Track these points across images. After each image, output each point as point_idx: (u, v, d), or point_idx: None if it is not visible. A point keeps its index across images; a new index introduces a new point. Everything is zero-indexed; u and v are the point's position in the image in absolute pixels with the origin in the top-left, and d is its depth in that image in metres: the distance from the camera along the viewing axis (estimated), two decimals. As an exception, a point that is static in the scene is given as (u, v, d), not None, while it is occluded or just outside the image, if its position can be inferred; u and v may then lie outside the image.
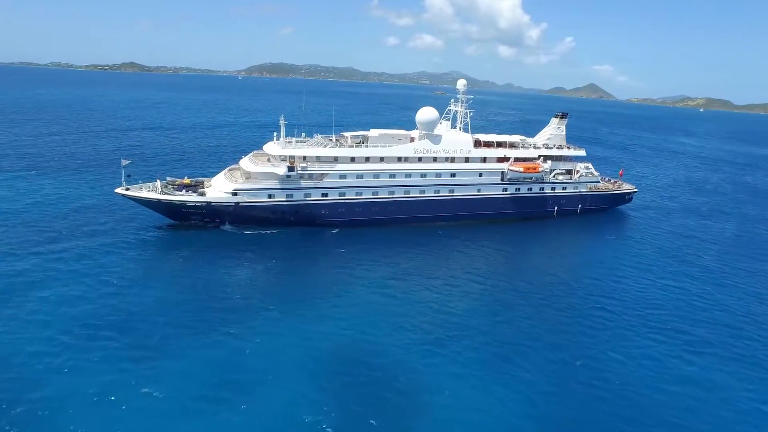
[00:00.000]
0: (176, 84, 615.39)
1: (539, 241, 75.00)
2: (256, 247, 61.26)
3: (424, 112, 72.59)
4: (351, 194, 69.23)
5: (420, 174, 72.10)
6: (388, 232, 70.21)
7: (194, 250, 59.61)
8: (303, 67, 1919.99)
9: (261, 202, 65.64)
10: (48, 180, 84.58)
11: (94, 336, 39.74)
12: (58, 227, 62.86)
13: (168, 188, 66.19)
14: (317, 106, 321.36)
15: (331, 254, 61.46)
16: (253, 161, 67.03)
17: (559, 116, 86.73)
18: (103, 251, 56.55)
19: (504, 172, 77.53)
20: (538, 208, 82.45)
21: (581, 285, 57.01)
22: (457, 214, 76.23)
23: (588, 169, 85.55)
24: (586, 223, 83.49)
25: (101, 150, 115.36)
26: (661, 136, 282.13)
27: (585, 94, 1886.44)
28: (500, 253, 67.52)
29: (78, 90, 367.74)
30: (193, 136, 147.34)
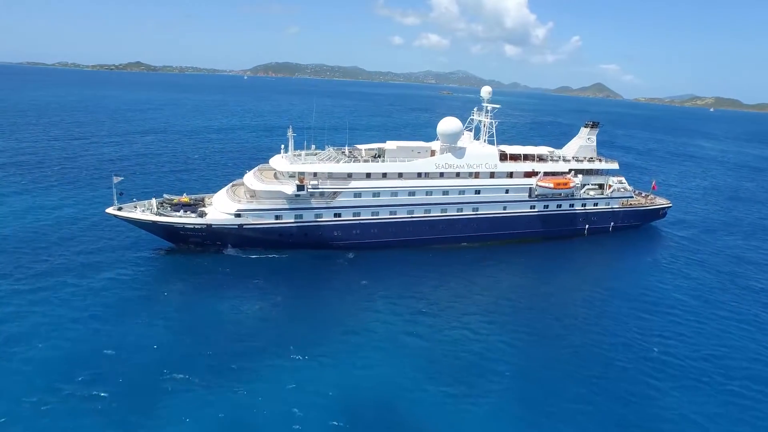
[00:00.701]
0: (182, 84, 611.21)
1: (571, 264, 68.27)
2: (264, 276, 55.01)
3: (446, 123, 66.02)
4: (366, 214, 62.85)
5: (442, 191, 65.60)
6: (407, 256, 63.81)
7: (195, 279, 53.53)
8: (309, 66, 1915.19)
9: (267, 224, 59.38)
10: (42, 194, 78.62)
11: (79, 394, 33.95)
12: (48, 252, 56.96)
13: (164, 207, 60.07)
14: (325, 108, 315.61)
15: (348, 284, 55.13)
16: (258, 178, 60.72)
17: (589, 126, 79.85)
18: (96, 282, 50.77)
19: (532, 188, 70.91)
20: (567, 226, 75.79)
21: (628, 320, 50.45)
22: (482, 234, 69.69)
23: (621, 183, 78.74)
24: (620, 243, 76.66)
25: (100, 158, 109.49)
26: (678, 139, 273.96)
27: (592, 94, 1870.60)
28: (530, 279, 61.32)
29: (83, 90, 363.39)
30: (196, 142, 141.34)
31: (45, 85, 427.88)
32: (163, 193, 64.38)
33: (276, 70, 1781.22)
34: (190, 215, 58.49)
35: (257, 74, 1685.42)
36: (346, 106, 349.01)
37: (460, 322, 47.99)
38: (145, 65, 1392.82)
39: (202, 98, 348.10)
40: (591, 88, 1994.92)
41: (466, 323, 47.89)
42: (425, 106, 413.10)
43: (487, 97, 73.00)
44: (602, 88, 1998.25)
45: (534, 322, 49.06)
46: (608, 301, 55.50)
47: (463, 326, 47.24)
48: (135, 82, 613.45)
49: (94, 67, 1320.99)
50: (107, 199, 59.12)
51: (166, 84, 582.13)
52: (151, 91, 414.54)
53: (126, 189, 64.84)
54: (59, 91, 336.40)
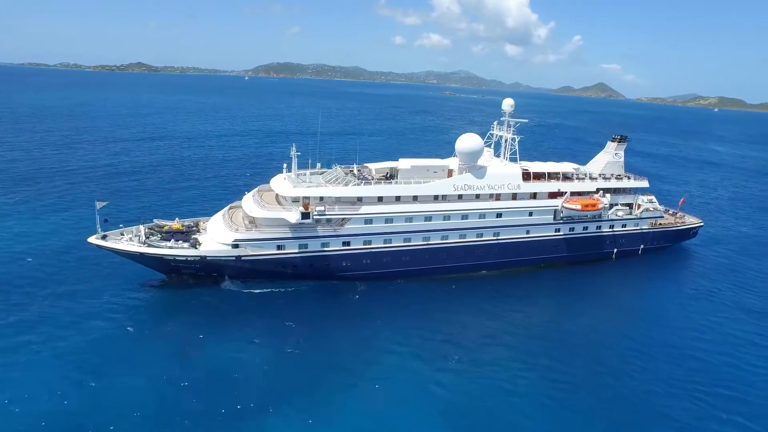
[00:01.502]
0: (182, 85, 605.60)
1: (602, 294, 62.24)
2: (265, 315, 49.07)
3: (466, 140, 59.96)
4: (378, 242, 56.88)
5: (461, 215, 59.57)
6: (424, 287, 57.87)
7: (189, 320, 47.58)
8: (310, 66, 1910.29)
9: (268, 255, 53.42)
10: (26, 215, 72.29)
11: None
12: (25, 289, 50.86)
13: (154, 236, 54.11)
14: (327, 110, 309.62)
15: (360, 323, 49.07)
16: (258, 203, 54.69)
17: (616, 140, 73.73)
18: (78, 325, 44.95)
19: (557, 210, 64.87)
20: (594, 249, 69.71)
21: (678, 363, 44.72)
22: (503, 260, 63.69)
23: (652, 203, 72.59)
24: (652, 268, 70.49)
25: (92, 172, 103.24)
26: (688, 142, 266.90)
27: (594, 93, 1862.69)
28: (560, 312, 55.70)
29: (82, 93, 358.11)
30: (193, 152, 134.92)
31: (45, 87, 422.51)
32: (153, 218, 58.40)
33: (277, 70, 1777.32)
34: (181, 245, 52.56)
35: (258, 74, 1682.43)
36: (350, 109, 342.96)
37: (490, 369, 42.54)
38: (146, 66, 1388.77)
39: (203, 101, 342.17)
40: (593, 87, 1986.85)
41: (498, 371, 42.45)
42: (429, 108, 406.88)
43: (509, 111, 66.86)
44: (604, 87, 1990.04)
45: (574, 367, 43.70)
46: (650, 338, 49.66)
47: (494, 374, 41.87)
48: (136, 83, 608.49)
49: (96, 68, 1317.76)
50: (93, 222, 53.35)
51: (167, 85, 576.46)
52: (151, 93, 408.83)
53: (112, 213, 59.00)
54: (59, 94, 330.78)
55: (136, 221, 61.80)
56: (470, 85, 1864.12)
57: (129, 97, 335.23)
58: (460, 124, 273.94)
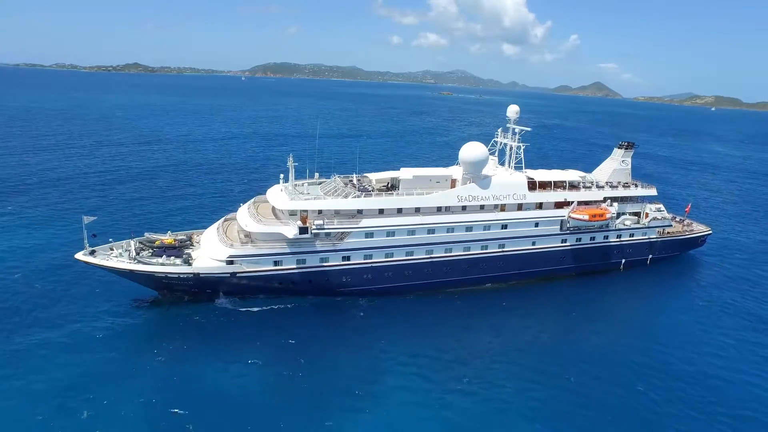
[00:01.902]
0: (179, 86, 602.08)
1: (612, 308, 60.19)
2: (264, 335, 46.77)
3: (470, 149, 57.65)
4: (379, 256, 54.61)
5: (465, 227, 57.34)
6: (427, 303, 55.80)
7: (183, 341, 45.28)
8: (307, 66, 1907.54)
9: (264, 271, 51.10)
10: (13, 228, 69.70)
11: None
12: (10, 307, 48.61)
13: (145, 251, 51.75)
14: (324, 111, 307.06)
15: (363, 343, 46.81)
16: (253, 216, 52.33)
17: (623, 147, 71.61)
18: (68, 348, 42.83)
19: (564, 220, 62.72)
20: (601, 260, 67.59)
21: (697, 388, 42.50)
22: (508, 273, 61.52)
23: (660, 211, 70.46)
24: (661, 279, 68.33)
25: (85, 177, 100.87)
26: (689, 143, 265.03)
27: (591, 93, 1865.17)
28: (570, 328, 53.45)
29: (77, 94, 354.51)
30: (188, 157, 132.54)
31: (41, 88, 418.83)
32: (145, 231, 55.99)
33: (274, 70, 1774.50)
34: (173, 261, 50.18)
35: (255, 74, 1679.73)
36: (348, 110, 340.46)
37: (502, 391, 40.90)
38: (143, 66, 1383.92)
39: (199, 102, 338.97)
40: (590, 87, 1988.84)
41: (510, 392, 40.80)
42: (427, 109, 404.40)
43: (513, 118, 64.62)
44: (601, 87, 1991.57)
45: (588, 387, 42.00)
46: (665, 354, 47.73)
47: (506, 396, 40.26)
48: (132, 84, 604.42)
49: (92, 69, 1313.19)
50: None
51: (164, 87, 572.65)
52: (147, 94, 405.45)
53: (103, 224, 56.43)
54: (54, 96, 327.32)
55: (127, 234, 59.49)
56: (467, 85, 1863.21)
57: (125, 99, 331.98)
58: (459, 126, 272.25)
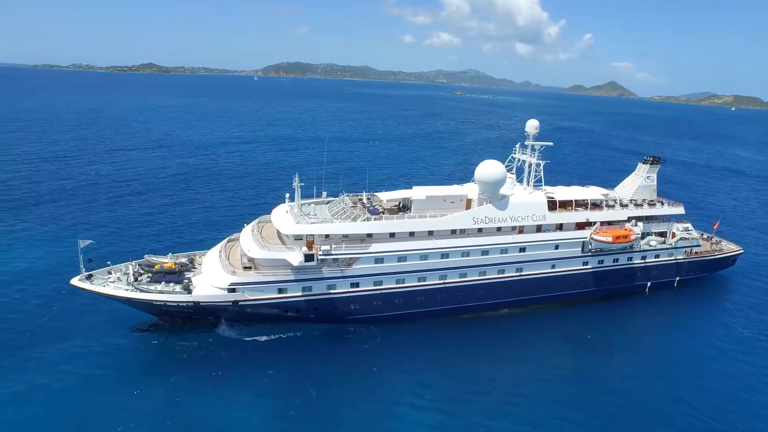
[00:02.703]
0: (191, 87, 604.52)
1: (635, 334, 56.43)
2: (269, 366, 44.30)
3: (487, 169, 54.31)
4: (390, 282, 51.57)
5: (481, 251, 54.05)
6: (441, 331, 52.75)
7: (183, 373, 42.98)
8: (319, 66, 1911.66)
9: (268, 299, 48.35)
10: (10, 244, 67.61)
11: None
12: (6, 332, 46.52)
13: (143, 275, 49.25)
14: (337, 114, 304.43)
15: (376, 375, 44.32)
16: (257, 240, 49.54)
17: (648, 162, 67.69)
18: (62, 379, 40.98)
19: (586, 242, 59.11)
20: (625, 283, 63.89)
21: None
22: (526, 298, 58.14)
23: (688, 231, 66.44)
24: (691, 303, 64.34)
25: (91, 189, 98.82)
26: (710, 146, 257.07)
27: (605, 92, 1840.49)
28: (590, 356, 50.63)
29: (91, 96, 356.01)
30: (194, 167, 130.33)
31: (56, 90, 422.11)
32: (145, 253, 53.54)
33: (287, 70, 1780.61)
34: (173, 287, 47.64)
35: (268, 74, 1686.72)
36: (360, 112, 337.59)
37: (522, 429, 38.26)
38: (157, 66, 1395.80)
39: (211, 104, 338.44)
40: (605, 86, 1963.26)
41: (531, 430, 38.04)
42: (440, 111, 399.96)
43: (533, 133, 61.02)
44: (616, 86, 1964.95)
45: (614, 424, 39.64)
46: (699, 389, 44.77)
47: None
48: (146, 85, 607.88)
49: (108, 69, 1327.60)
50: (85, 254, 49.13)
51: (177, 88, 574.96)
52: (160, 95, 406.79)
53: (102, 244, 53.90)
54: (69, 98, 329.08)
55: (127, 254, 57.42)
56: (480, 84, 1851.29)
57: (138, 102, 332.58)
58: (473, 128, 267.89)
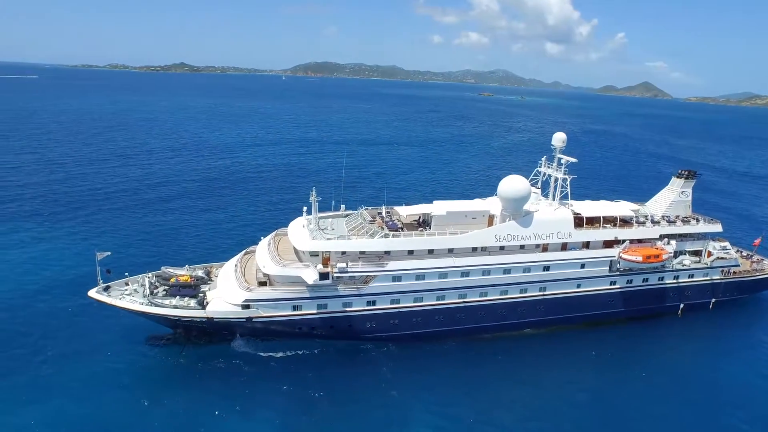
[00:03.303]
0: (221, 87, 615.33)
1: (666, 360, 53.07)
2: (284, 383, 43.67)
3: (510, 184, 52.25)
4: (408, 300, 50.16)
5: (503, 270, 52.10)
6: (459, 350, 51.14)
7: (196, 388, 42.72)
8: (347, 66, 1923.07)
9: (282, 316, 47.54)
10: (31, 250, 68.34)
11: None
12: (13, 345, 46.87)
13: (160, 287, 49.04)
14: (363, 116, 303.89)
15: (392, 397, 43.10)
16: (273, 256, 48.70)
17: (683, 176, 64.28)
18: (71, 393, 40.98)
19: (614, 261, 56.47)
20: (656, 304, 60.88)
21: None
22: (549, 318, 55.90)
23: (725, 250, 62.92)
24: (728, 327, 60.83)
25: (122, 193, 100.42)
26: (752, 151, 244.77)
27: (638, 93, 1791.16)
28: (615, 383, 48.04)
29: (124, 96, 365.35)
30: (220, 166, 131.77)
31: (92, 90, 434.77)
32: (162, 265, 53.42)
33: (315, 69, 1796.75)
34: (188, 302, 47.26)
35: (296, 74, 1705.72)
36: (386, 114, 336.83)
37: None
38: (188, 66, 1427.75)
39: (239, 104, 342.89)
40: (637, 87, 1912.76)
41: None
42: (467, 113, 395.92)
43: (560, 147, 58.59)
44: (649, 87, 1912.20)
45: None
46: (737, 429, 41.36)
47: None
48: (178, 84, 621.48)
49: (142, 69, 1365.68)
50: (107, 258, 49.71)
51: (206, 87, 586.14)
52: (190, 96, 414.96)
53: (120, 254, 53.77)
54: (104, 99, 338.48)
55: (146, 264, 57.73)
56: (509, 85, 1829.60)
57: (169, 102, 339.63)
58: (501, 132, 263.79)
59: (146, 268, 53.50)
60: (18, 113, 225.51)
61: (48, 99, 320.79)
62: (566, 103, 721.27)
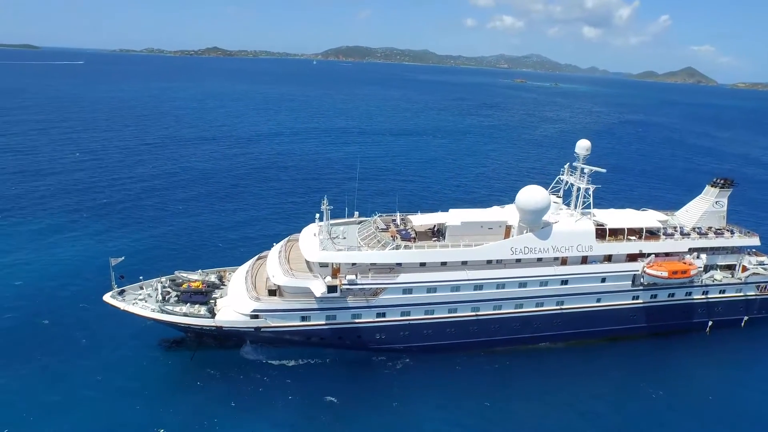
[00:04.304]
0: (252, 72, 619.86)
1: (692, 381, 50.54)
2: (293, 393, 43.66)
3: (529, 196, 50.15)
4: (419, 313, 49.16)
5: (518, 283, 50.40)
6: (472, 363, 49.92)
7: (206, 395, 43.08)
8: (378, 50, 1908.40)
9: (291, 326, 47.25)
10: (49, 249, 69.39)
11: None
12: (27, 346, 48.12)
13: (172, 292, 49.35)
14: (391, 103, 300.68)
15: (403, 411, 42.62)
16: (282, 265, 48.25)
17: (718, 185, 60.60)
18: (82, 397, 41.87)
19: (637, 275, 53.93)
20: (681, 320, 58.08)
21: None
22: (567, 332, 54.01)
23: (763, 265, 59.32)
24: (761, 347, 57.74)
25: (147, 191, 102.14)
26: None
27: (681, 79, 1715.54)
28: (634, 402, 46.08)
29: (157, 83, 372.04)
30: (246, 157, 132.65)
31: (127, 77, 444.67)
32: (176, 269, 53.79)
33: (346, 54, 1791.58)
34: (198, 309, 47.41)
35: (328, 58, 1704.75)
36: (415, 102, 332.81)
37: None
38: (221, 50, 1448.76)
39: (270, 90, 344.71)
40: (680, 73, 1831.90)
41: None
42: (498, 101, 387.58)
43: (583, 155, 55.82)
44: (693, 72, 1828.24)
45: None
46: None
47: None
48: (211, 69, 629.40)
49: (176, 53, 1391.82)
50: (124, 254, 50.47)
51: (238, 73, 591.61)
52: (222, 81, 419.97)
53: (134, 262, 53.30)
54: (138, 86, 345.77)
55: (163, 265, 58.40)
56: (543, 70, 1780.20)
57: (200, 88, 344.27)
58: (532, 122, 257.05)
59: (161, 271, 54.00)
60: (67, 101, 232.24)
61: (91, 85, 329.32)
62: (602, 91, 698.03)
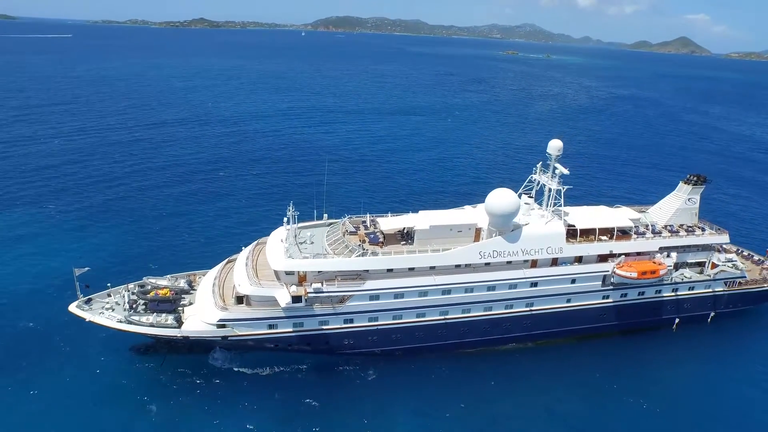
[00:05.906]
0: (238, 45, 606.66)
1: (658, 375, 51.59)
2: (256, 403, 43.67)
3: (498, 199, 49.65)
4: (386, 318, 49.25)
5: (487, 287, 50.48)
6: (442, 365, 50.42)
7: (176, 402, 43.45)
8: (369, 20, 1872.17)
9: (258, 334, 47.20)
10: (16, 253, 67.09)
11: None
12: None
13: (139, 299, 48.90)
14: (377, 79, 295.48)
15: (376, 417, 43.42)
16: (249, 272, 47.75)
17: (691, 182, 60.38)
18: (49, 403, 42.13)
19: (608, 275, 54.22)
20: (649, 317, 58.77)
21: None
22: (536, 333, 54.55)
23: (731, 262, 59.79)
24: (728, 342, 58.83)
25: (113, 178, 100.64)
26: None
27: (674, 49, 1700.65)
28: (603, 401, 47.30)
29: (140, 60, 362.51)
30: (228, 142, 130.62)
31: (112, 52, 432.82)
32: (144, 275, 53.25)
33: (336, 24, 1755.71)
34: (165, 318, 47.11)
35: (317, 29, 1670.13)
36: (404, 77, 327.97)
37: None
38: (208, 21, 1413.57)
39: (256, 67, 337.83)
40: (673, 42, 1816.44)
41: None
42: (486, 75, 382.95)
43: (555, 155, 55.09)
44: (687, 42, 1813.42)
45: None
46: None
47: None
48: (196, 44, 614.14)
49: (161, 24, 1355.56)
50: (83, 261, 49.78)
51: (224, 46, 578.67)
52: (208, 57, 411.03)
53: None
54: (122, 63, 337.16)
55: (132, 270, 57.98)
56: (536, 40, 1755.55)
57: (183, 66, 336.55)
58: (522, 99, 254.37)
59: (130, 276, 53.54)
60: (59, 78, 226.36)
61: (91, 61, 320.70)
62: (594, 63, 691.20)
